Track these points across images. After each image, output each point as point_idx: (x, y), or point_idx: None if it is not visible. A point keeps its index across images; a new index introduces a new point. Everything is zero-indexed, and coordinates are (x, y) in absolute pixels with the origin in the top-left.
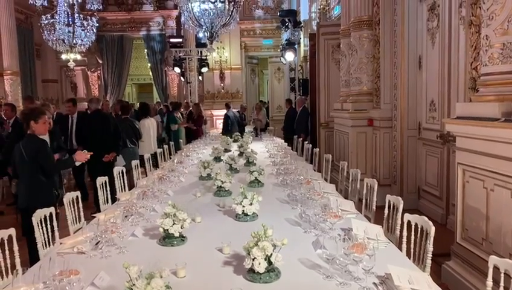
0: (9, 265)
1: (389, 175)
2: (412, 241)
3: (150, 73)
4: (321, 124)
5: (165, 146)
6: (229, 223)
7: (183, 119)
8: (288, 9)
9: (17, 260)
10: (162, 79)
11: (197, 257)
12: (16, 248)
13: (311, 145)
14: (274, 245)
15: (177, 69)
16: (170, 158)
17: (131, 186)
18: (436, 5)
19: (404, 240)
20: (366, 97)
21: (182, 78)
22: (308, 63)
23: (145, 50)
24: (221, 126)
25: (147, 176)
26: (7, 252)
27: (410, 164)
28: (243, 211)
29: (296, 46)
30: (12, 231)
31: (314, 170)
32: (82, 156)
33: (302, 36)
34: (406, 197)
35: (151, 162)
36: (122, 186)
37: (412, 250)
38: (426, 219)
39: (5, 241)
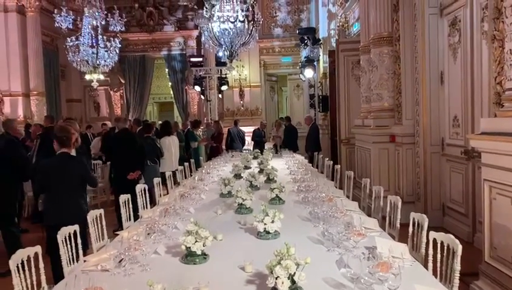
0: (35, 282)
1: (412, 192)
2: (438, 260)
3: (171, 92)
4: (342, 140)
5: (186, 163)
6: (251, 241)
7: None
8: (307, 27)
9: (43, 277)
10: (183, 97)
11: (219, 275)
12: (41, 265)
13: (332, 162)
14: (297, 264)
15: (197, 88)
16: (191, 175)
17: (153, 203)
18: (457, 20)
19: (430, 258)
20: (387, 113)
21: (202, 96)
22: (328, 79)
23: (166, 69)
24: None
25: (168, 193)
26: (33, 269)
27: (434, 180)
28: (265, 228)
29: (315, 63)
30: (38, 248)
31: (336, 187)
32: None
33: (321, 53)
34: (430, 215)
35: (172, 179)
36: (144, 204)
37: (438, 269)
38: (452, 237)
39: (31, 259)
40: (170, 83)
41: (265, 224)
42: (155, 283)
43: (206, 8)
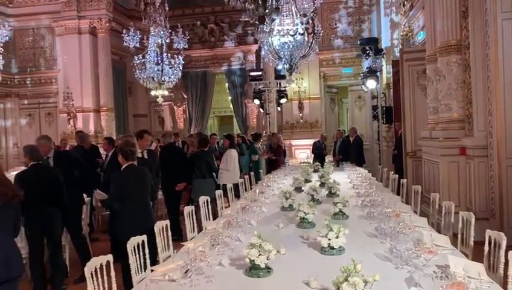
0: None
1: (486, 208)
2: None
3: (231, 106)
4: (408, 153)
5: (246, 176)
6: (314, 256)
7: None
8: (368, 38)
9: (114, 285)
10: (242, 111)
11: None
12: (112, 273)
13: (397, 175)
14: (365, 281)
15: (256, 101)
16: (251, 188)
17: (215, 215)
18: None
19: (510, 280)
20: (456, 124)
21: (261, 109)
22: (392, 90)
23: (226, 84)
24: (299, 156)
25: (229, 205)
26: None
27: (511, 195)
28: (329, 244)
29: (377, 73)
30: (109, 257)
31: (402, 202)
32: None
33: (384, 63)
34: (507, 232)
35: (233, 192)
36: (207, 215)
37: None
38: None
39: (104, 267)
40: (230, 97)
41: (329, 239)
42: None
43: (267, 22)
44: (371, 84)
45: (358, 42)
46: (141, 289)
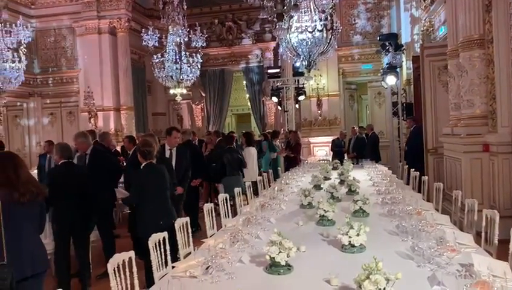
0: (129, 285)
1: (510, 206)
2: None
3: (248, 103)
4: (428, 150)
5: (264, 174)
6: (335, 254)
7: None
8: (388, 33)
9: (136, 282)
10: (260, 109)
11: (304, 287)
12: (134, 269)
13: (418, 173)
14: (387, 279)
15: (274, 99)
16: (269, 186)
17: (235, 213)
18: None
19: None
20: (479, 121)
21: (279, 107)
22: (412, 86)
23: (244, 82)
24: (318, 153)
25: (248, 203)
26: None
27: None
28: (350, 241)
29: (397, 69)
30: (131, 253)
31: (423, 200)
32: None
33: (404, 59)
34: None
35: (251, 189)
36: (226, 213)
37: None
38: None
39: (126, 263)
40: (248, 95)
41: (350, 237)
42: None
43: (285, 20)
44: (391, 80)
45: (378, 38)
46: (164, 285)
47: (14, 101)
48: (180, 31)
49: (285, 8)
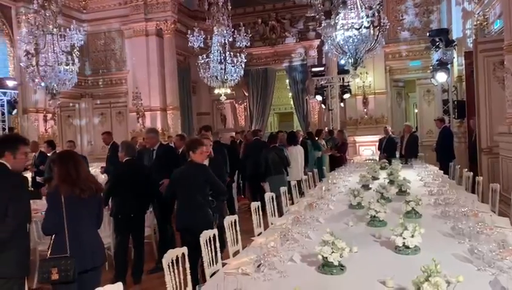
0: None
1: None
2: None
3: (291, 102)
4: (483, 149)
5: (310, 173)
6: (388, 255)
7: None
8: (438, 29)
9: (188, 277)
10: (303, 107)
11: (358, 288)
12: (187, 265)
13: (471, 173)
14: (448, 282)
15: (318, 97)
16: (315, 185)
17: (280, 212)
18: None
19: None
20: None
21: (323, 105)
22: (464, 83)
23: (287, 80)
24: (364, 153)
25: (293, 203)
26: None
27: None
28: (404, 243)
29: (448, 66)
30: (184, 249)
31: (478, 201)
32: None
33: (455, 55)
34: None
35: (297, 188)
36: (272, 212)
37: None
38: None
39: (179, 260)
40: (290, 94)
41: (404, 238)
42: None
43: (332, 17)
44: (441, 77)
45: (427, 34)
46: (219, 281)
47: (67, 102)
48: (225, 31)
49: (333, 5)
